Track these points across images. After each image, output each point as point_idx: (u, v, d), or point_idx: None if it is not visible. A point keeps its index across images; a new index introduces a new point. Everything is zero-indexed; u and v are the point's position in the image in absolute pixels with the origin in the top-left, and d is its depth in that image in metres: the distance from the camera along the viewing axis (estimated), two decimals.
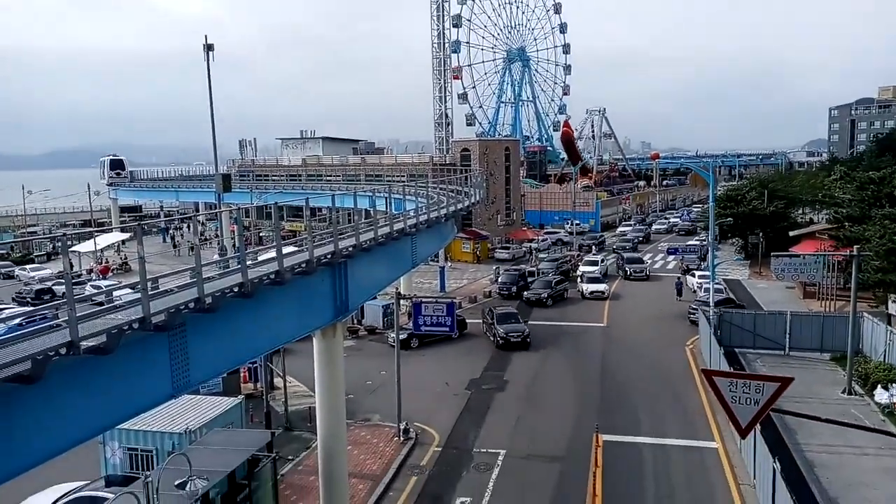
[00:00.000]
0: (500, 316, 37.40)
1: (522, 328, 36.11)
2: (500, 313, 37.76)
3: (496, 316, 37.40)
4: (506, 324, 36.31)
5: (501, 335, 35.56)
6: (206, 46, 36.80)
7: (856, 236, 37.68)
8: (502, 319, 36.93)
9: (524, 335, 35.67)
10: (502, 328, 35.83)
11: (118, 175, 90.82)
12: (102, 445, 19.18)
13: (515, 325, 36.41)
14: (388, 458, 23.23)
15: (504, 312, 38.06)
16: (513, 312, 38.40)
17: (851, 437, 22.26)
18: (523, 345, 35.42)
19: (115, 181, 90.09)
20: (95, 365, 10.11)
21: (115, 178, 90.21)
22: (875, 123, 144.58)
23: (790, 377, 8.86)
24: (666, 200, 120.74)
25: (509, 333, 35.53)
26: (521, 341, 35.46)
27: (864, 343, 31.15)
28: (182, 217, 59.77)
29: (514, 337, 35.47)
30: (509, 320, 36.94)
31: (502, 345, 35.45)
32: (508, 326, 35.98)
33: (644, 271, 55.92)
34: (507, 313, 37.96)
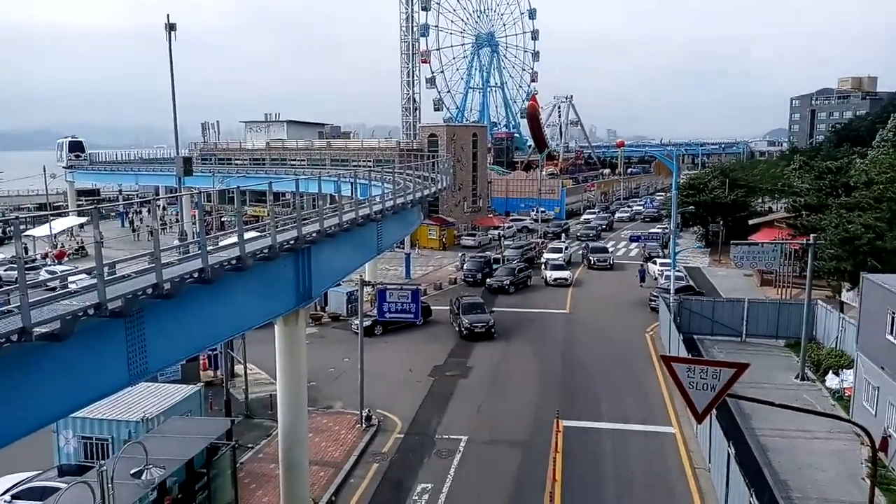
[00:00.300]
0: (465, 306, 37.05)
1: (487, 318, 35.81)
2: (465, 303, 37.46)
3: (461, 306, 37.05)
4: (470, 314, 35.98)
5: (465, 325, 35.31)
6: (168, 26, 35.94)
7: (813, 225, 38.61)
8: (467, 309, 36.55)
9: (488, 325, 35.40)
10: (467, 318, 35.55)
11: (77, 158, 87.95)
12: (56, 434, 18.78)
13: (480, 315, 36.06)
14: (350, 445, 23.24)
15: (470, 302, 37.68)
16: (478, 302, 38.00)
17: (803, 422, 22.93)
18: (487, 335, 35.19)
19: (74, 164, 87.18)
20: (49, 352, 9.89)
21: (74, 160, 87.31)
22: (834, 114, 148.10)
23: (746, 363, 9.08)
24: (630, 189, 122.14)
25: (473, 324, 35.25)
26: (484, 332, 35.21)
27: (818, 330, 32.03)
28: (141, 201, 58.45)
29: (479, 327, 35.19)
30: (474, 310, 36.53)
31: (466, 335, 35.20)
32: (473, 317, 35.66)
33: (608, 260, 55.51)
34: (472, 303, 37.57)
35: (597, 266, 54.58)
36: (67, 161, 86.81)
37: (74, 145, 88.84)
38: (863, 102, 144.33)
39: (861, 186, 37.82)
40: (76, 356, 10.59)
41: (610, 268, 54.60)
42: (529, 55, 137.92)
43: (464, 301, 37.71)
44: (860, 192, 36.67)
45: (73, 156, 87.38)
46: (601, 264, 54.82)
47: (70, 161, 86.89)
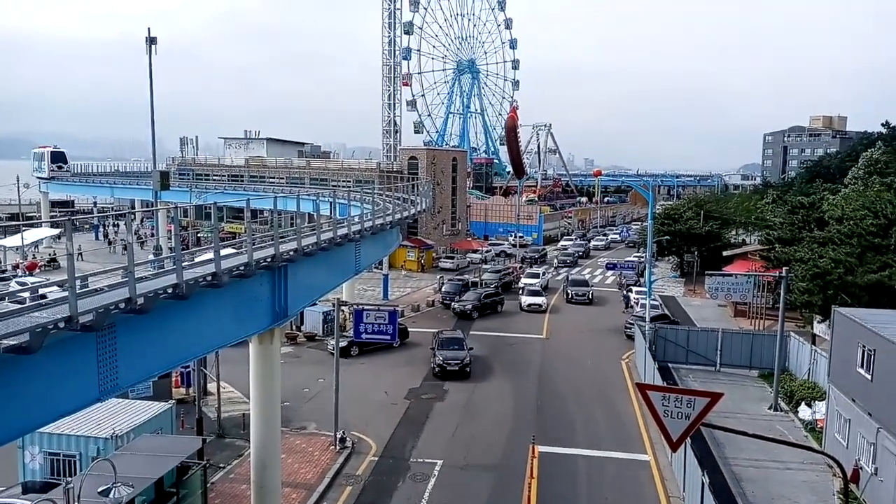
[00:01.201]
0: (443, 340, 34.37)
1: (463, 356, 32.98)
2: (444, 338, 34.80)
3: (439, 340, 34.51)
4: (446, 349, 33.36)
5: (438, 362, 32.73)
6: (149, 39, 35.80)
7: (785, 258, 39.21)
8: (444, 344, 33.93)
9: (463, 363, 32.66)
10: (441, 354, 32.97)
11: (60, 169, 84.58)
12: (21, 450, 18.26)
13: (456, 351, 33.34)
14: (323, 467, 22.87)
15: (449, 337, 35.07)
16: (458, 338, 35.13)
17: (776, 452, 23.08)
18: (461, 374, 32.52)
19: (56, 175, 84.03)
20: (16, 365, 9.63)
21: (56, 171, 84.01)
22: (806, 150, 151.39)
23: (720, 393, 9.11)
24: (606, 217, 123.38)
25: (447, 360, 32.61)
26: (458, 370, 32.48)
27: (791, 361, 32.38)
28: (116, 214, 57.75)
29: (452, 365, 32.46)
30: (451, 346, 33.85)
31: (438, 372, 32.60)
32: (447, 353, 33.04)
33: (587, 294, 52.35)
34: (451, 338, 34.90)
35: (576, 300, 51.71)
36: (49, 172, 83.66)
37: (56, 156, 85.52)
38: (833, 141, 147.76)
39: (833, 222, 38.58)
40: (45, 370, 10.34)
41: (589, 302, 51.72)
42: (510, 84, 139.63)
43: (443, 335, 35.26)
44: (832, 227, 37.38)
45: (56, 166, 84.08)
46: (580, 298, 51.87)
47: (52, 172, 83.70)
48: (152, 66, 35.88)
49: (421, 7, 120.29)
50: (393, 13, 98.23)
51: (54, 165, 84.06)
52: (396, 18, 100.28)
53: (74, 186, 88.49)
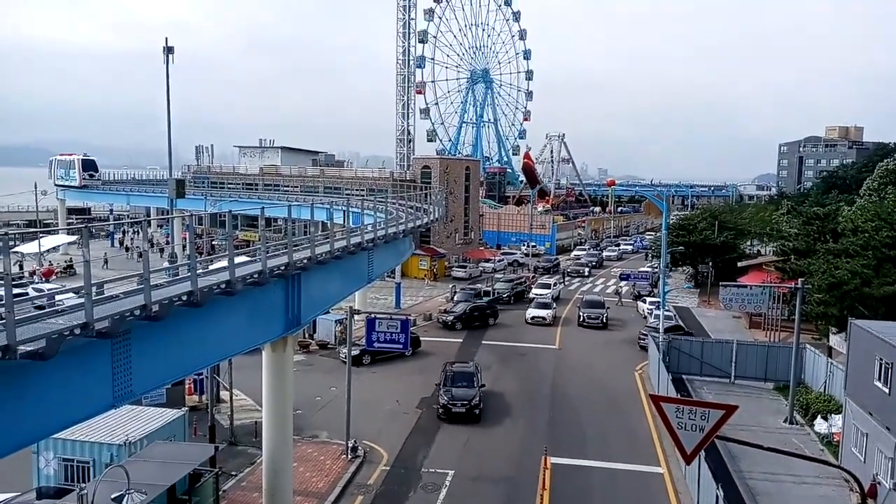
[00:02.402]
0: (451, 375, 29.86)
1: (472, 395, 28.47)
2: (452, 371, 30.33)
3: (447, 375, 30.06)
4: (454, 387, 29.05)
5: (442, 402, 28.50)
6: (166, 49, 36.21)
7: (801, 269, 38.88)
8: (452, 380, 29.53)
9: (471, 405, 28.12)
10: (445, 394, 28.70)
11: (91, 177, 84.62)
12: (36, 455, 18.40)
13: (465, 389, 28.84)
14: (335, 476, 22.85)
15: (458, 371, 30.36)
16: (468, 373, 30.28)
17: (792, 466, 22.80)
18: (469, 417, 28.06)
19: (88, 183, 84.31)
20: (33, 370, 9.73)
21: (88, 179, 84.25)
22: (822, 161, 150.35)
23: (735, 405, 9.02)
24: (620, 227, 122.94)
25: (452, 401, 28.29)
26: (465, 412, 28.00)
27: (806, 374, 32.04)
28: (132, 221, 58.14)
29: (458, 406, 28.08)
30: (460, 382, 29.44)
31: (442, 415, 28.31)
32: (455, 391, 28.74)
33: (601, 318, 46.66)
34: (461, 373, 30.18)
35: (588, 324, 46.43)
36: (81, 180, 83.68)
37: (87, 164, 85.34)
38: (849, 151, 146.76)
39: (848, 233, 38.23)
40: (60, 376, 10.43)
41: (603, 326, 46.26)
42: (523, 94, 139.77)
43: (452, 369, 30.72)
44: (847, 239, 37.04)
45: (87, 175, 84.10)
46: (592, 322, 46.42)
47: (84, 181, 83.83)
48: (169, 76, 36.29)
49: (435, 16, 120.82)
50: (407, 23, 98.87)
51: (86, 174, 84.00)
52: (411, 28, 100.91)
53: (91, 194, 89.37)
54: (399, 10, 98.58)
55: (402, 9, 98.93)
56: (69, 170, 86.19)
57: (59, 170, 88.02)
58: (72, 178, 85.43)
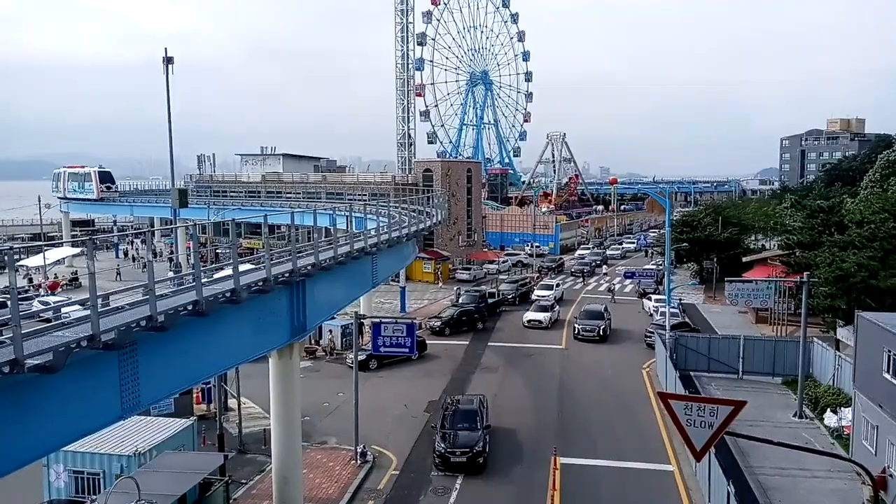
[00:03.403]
0: (451, 415, 25.18)
1: (475, 440, 23.63)
2: (453, 409, 25.60)
3: (445, 414, 25.40)
4: (453, 428, 24.39)
5: (438, 450, 23.68)
6: (166, 59, 36.29)
7: (806, 262, 38.77)
8: (452, 420, 24.82)
9: (473, 451, 23.30)
10: (442, 440, 23.82)
11: (108, 189, 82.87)
12: (46, 468, 18.48)
13: (468, 433, 24.12)
14: (345, 482, 22.84)
15: (461, 410, 25.52)
16: (471, 411, 25.43)
17: (803, 460, 22.69)
18: (471, 466, 23.31)
19: (106, 195, 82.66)
20: (41, 384, 9.75)
21: (105, 192, 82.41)
22: (824, 154, 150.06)
23: (743, 401, 8.99)
24: (623, 225, 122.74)
25: (451, 448, 23.45)
26: (466, 461, 23.25)
27: (815, 368, 31.92)
28: (136, 232, 58.30)
29: (457, 455, 23.30)
30: (459, 424, 24.54)
31: (439, 464, 23.58)
32: (455, 436, 24.02)
33: (597, 330, 41.64)
34: (463, 412, 25.35)
35: (583, 337, 41.75)
36: (98, 193, 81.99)
37: (104, 176, 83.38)
38: (851, 143, 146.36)
39: (853, 225, 38.11)
40: (69, 389, 10.45)
41: (601, 340, 41.44)
42: (523, 96, 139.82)
43: (454, 406, 25.89)
44: (853, 231, 36.94)
45: (104, 187, 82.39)
46: (587, 335, 41.65)
47: (102, 193, 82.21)
48: (169, 86, 36.37)
49: (434, 19, 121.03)
50: (405, 27, 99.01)
51: (103, 186, 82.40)
52: (409, 32, 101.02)
53: (95, 206, 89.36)
54: (397, 14, 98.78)
55: (401, 13, 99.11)
56: (84, 182, 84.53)
57: (70, 182, 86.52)
58: (88, 191, 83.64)
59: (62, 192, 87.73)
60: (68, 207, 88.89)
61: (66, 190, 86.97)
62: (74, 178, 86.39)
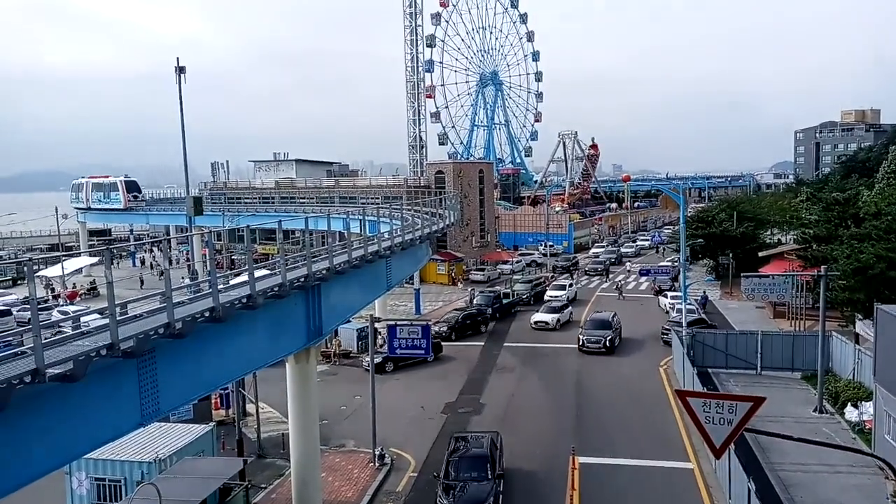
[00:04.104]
0: (457, 461, 21.05)
1: (484, 494, 19.58)
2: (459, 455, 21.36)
3: (450, 460, 21.15)
4: (458, 478, 20.34)
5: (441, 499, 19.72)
6: (178, 69, 36.64)
7: (823, 256, 38.42)
8: (457, 469, 20.75)
9: None
10: (445, 494, 19.77)
11: (135, 198, 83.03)
12: (68, 475, 18.68)
13: (477, 485, 20.00)
14: (363, 485, 22.90)
15: (470, 455, 21.31)
16: (481, 456, 21.14)
17: (824, 456, 22.46)
18: None
19: (133, 205, 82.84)
20: (62, 393, 9.87)
21: (133, 201, 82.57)
22: (839, 146, 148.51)
23: (762, 397, 8.94)
24: (637, 222, 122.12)
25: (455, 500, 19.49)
26: None
27: (834, 362, 31.61)
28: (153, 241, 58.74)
29: None
30: (468, 472, 20.52)
31: None
32: (463, 491, 19.84)
33: (602, 341, 37.72)
34: (472, 457, 21.16)
35: (588, 349, 38.10)
36: (126, 202, 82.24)
37: (131, 185, 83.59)
38: (867, 134, 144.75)
39: (870, 217, 37.72)
40: (89, 397, 10.57)
41: (607, 351, 37.71)
42: (533, 96, 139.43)
43: (461, 451, 21.63)
44: (870, 223, 36.56)
45: (131, 196, 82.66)
46: (593, 347, 37.89)
47: (129, 202, 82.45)
48: (182, 95, 36.72)
49: (443, 20, 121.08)
50: (414, 29, 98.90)
51: (130, 195, 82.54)
52: (418, 35, 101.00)
53: (112, 215, 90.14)
54: (406, 17, 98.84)
55: (409, 15, 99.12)
56: (109, 192, 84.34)
57: (95, 193, 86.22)
58: (114, 201, 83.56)
59: (85, 203, 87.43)
60: (86, 217, 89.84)
61: (91, 200, 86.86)
62: (99, 188, 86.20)
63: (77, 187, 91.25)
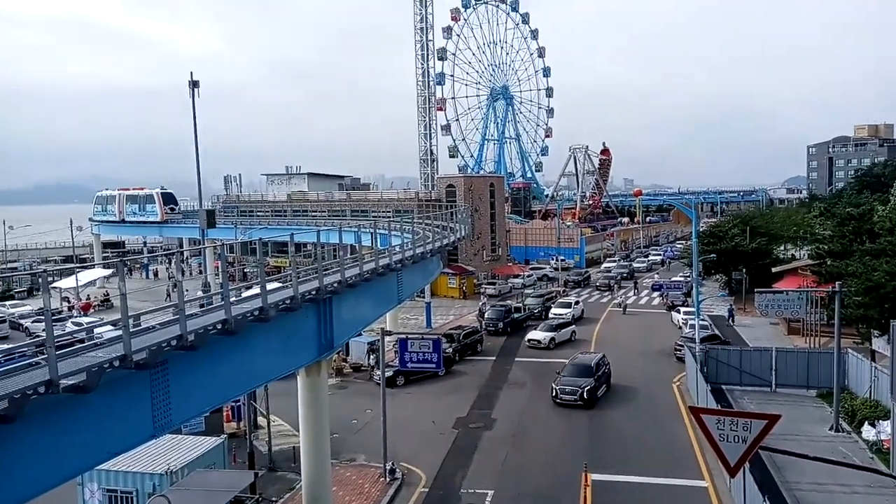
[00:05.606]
0: None
1: None
2: None
3: None
4: None
5: None
6: (192, 83, 37.04)
7: (838, 272, 38.07)
8: None
9: None
10: None
11: (172, 211, 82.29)
12: (80, 487, 18.71)
13: None
14: (374, 500, 22.77)
15: None
16: None
17: (841, 475, 22.15)
18: None
19: (170, 217, 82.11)
20: (75, 404, 9.90)
21: (169, 213, 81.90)
22: (852, 161, 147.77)
23: (777, 414, 8.82)
24: (650, 237, 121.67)
25: None
26: None
27: (850, 379, 31.22)
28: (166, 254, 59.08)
29: None
30: None
31: None
32: None
33: (580, 393, 31.21)
34: None
35: (562, 401, 31.69)
36: (163, 215, 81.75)
37: (167, 198, 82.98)
38: (881, 149, 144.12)
39: (885, 233, 37.38)
40: (102, 408, 10.60)
41: (585, 404, 31.20)
42: (544, 111, 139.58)
43: None
44: (885, 239, 36.22)
45: (168, 209, 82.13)
46: (567, 399, 31.46)
47: (166, 215, 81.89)
48: (196, 109, 37.10)
49: (454, 34, 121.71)
50: (425, 44, 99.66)
51: (167, 207, 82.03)
52: (429, 49, 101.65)
53: (125, 228, 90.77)
54: (417, 32, 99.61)
55: (421, 30, 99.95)
56: (145, 204, 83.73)
57: (130, 205, 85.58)
58: (151, 213, 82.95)
59: (118, 216, 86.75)
60: (99, 229, 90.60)
61: (124, 213, 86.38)
62: (133, 200, 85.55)
63: (104, 200, 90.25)
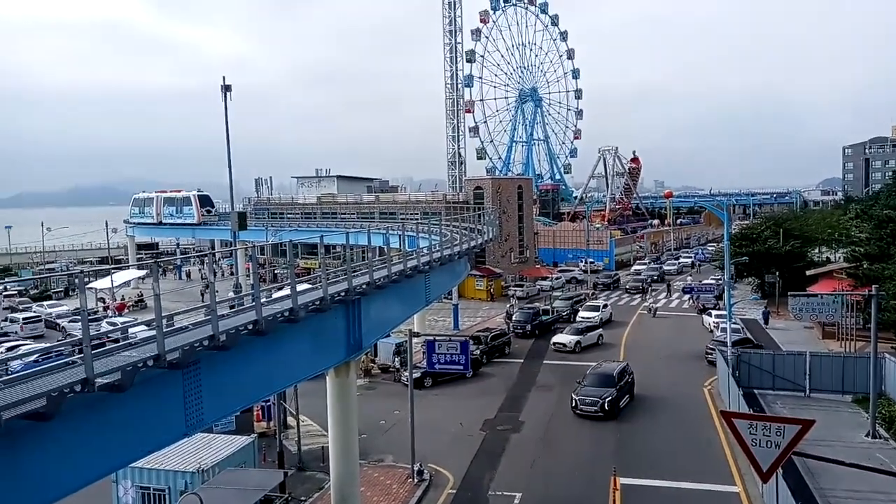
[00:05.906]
0: None
1: None
2: None
3: None
4: None
5: None
6: (224, 87, 37.53)
7: (874, 275, 37.26)
8: None
9: None
10: None
11: (208, 213, 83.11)
12: (115, 484, 19.09)
13: None
14: (402, 500, 22.84)
15: None
16: None
17: (878, 483, 21.60)
18: None
19: (207, 219, 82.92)
20: (110, 402, 10.11)
21: (206, 216, 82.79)
22: (890, 162, 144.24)
23: (812, 420, 8.67)
24: (680, 239, 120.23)
25: None
26: None
27: (888, 385, 30.52)
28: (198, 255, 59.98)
29: None
30: None
31: None
32: None
33: (601, 403, 30.10)
34: None
35: (582, 412, 30.51)
36: (199, 217, 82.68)
37: (204, 200, 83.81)
38: None
39: None
40: (137, 407, 10.80)
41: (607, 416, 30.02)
42: (573, 113, 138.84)
43: None
44: None
45: (205, 211, 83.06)
46: (587, 410, 30.32)
47: (203, 217, 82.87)
48: (228, 112, 37.59)
49: (483, 36, 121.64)
50: (454, 47, 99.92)
51: (203, 210, 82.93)
52: (458, 52, 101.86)
53: (159, 229, 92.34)
54: (446, 35, 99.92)
55: (449, 33, 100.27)
56: (182, 206, 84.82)
57: (167, 207, 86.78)
58: (188, 215, 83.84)
59: (156, 218, 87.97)
60: (133, 231, 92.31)
61: (162, 215, 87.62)
62: (171, 202, 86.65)
63: (141, 202, 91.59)
